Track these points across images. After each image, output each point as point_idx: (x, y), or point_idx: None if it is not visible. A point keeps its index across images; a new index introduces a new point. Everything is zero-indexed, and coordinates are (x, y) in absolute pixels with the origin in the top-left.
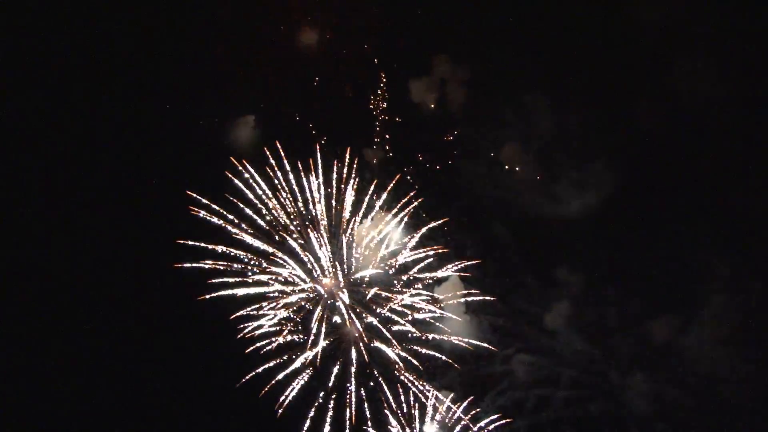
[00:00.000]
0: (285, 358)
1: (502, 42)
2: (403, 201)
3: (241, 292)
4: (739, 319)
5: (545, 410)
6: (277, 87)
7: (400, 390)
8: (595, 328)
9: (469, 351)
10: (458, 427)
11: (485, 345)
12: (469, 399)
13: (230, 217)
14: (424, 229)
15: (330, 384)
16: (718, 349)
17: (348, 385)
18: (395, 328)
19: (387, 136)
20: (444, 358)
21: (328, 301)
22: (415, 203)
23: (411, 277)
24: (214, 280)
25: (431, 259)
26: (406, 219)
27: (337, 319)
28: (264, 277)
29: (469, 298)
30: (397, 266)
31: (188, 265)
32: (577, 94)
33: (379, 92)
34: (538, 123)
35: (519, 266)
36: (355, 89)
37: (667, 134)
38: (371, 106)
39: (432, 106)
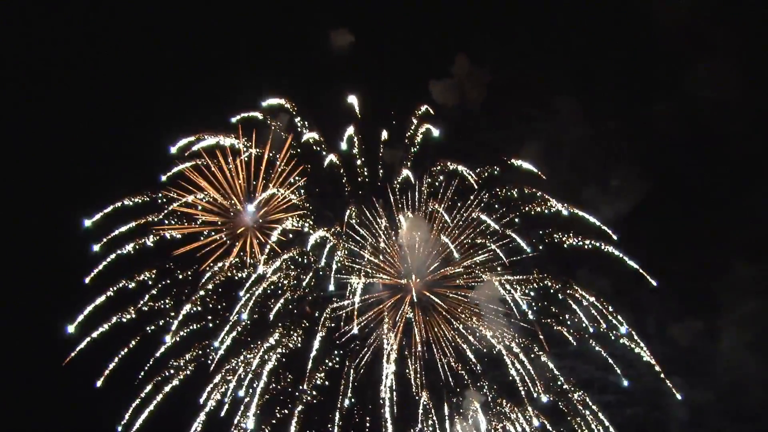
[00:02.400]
0: None
1: (525, 45)
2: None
3: None
4: None
5: (582, 415)
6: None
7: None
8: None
9: (501, 355)
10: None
11: (518, 349)
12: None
13: None
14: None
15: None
16: (752, 354)
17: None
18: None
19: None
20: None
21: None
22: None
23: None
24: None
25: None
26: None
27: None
28: None
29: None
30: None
31: None
32: (605, 98)
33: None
34: (565, 127)
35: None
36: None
37: (693, 139)
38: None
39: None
